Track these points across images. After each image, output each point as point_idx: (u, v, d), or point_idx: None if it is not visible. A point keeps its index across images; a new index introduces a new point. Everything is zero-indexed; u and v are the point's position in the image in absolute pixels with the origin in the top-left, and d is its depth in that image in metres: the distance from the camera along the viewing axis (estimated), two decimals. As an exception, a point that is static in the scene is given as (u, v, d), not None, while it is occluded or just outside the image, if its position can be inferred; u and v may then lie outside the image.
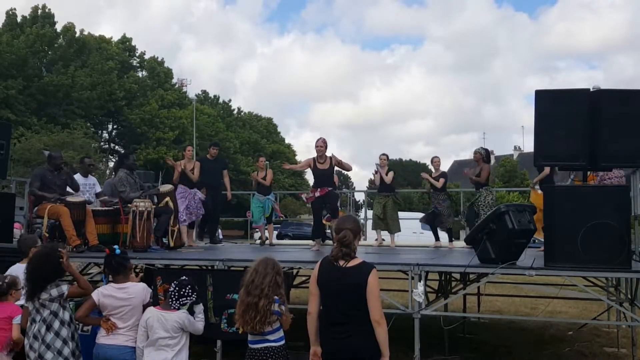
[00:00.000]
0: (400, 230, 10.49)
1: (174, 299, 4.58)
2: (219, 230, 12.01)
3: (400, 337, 5.73)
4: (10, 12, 43.30)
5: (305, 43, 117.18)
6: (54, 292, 4.47)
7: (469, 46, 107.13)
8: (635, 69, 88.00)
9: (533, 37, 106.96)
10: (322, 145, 8.69)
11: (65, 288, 4.52)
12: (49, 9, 44.10)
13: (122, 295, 4.56)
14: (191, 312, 4.66)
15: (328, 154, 8.74)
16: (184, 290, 4.60)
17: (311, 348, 3.88)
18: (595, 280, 7.86)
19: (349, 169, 9.36)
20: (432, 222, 10.44)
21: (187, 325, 4.55)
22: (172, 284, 4.68)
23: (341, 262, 3.75)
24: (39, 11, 43.61)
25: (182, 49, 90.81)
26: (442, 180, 10.26)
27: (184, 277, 4.78)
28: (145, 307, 4.65)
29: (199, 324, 4.64)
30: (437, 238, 10.60)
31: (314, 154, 8.81)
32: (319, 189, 8.66)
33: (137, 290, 4.63)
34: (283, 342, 4.22)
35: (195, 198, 9.85)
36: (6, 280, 4.88)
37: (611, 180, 7.88)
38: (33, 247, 5.37)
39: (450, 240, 10.44)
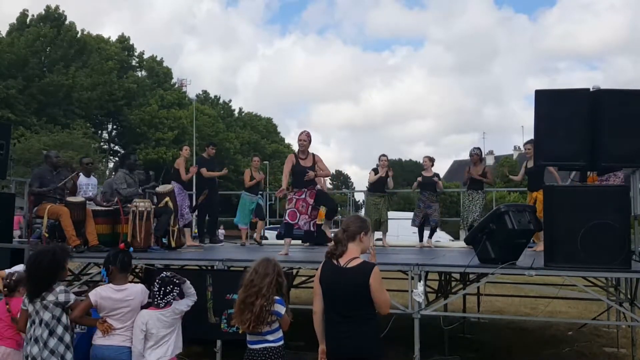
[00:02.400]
0: (387, 230, 10.52)
1: (159, 298, 4.56)
2: (222, 231, 12.03)
3: (400, 337, 5.73)
4: (23, 13, 43.34)
5: (307, 45, 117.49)
6: (62, 297, 4.38)
7: (469, 47, 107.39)
8: (634, 70, 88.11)
9: (533, 39, 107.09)
10: (305, 139, 7.79)
11: (72, 298, 4.44)
12: (63, 10, 44.18)
13: (121, 296, 4.52)
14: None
15: (313, 151, 7.90)
16: (167, 288, 4.60)
17: (319, 346, 3.88)
18: (595, 280, 7.85)
19: (327, 173, 8.26)
20: (423, 223, 10.48)
21: (185, 310, 4.59)
22: (155, 282, 4.64)
23: (342, 262, 3.76)
24: (55, 14, 43.58)
25: (184, 51, 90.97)
26: (440, 182, 10.45)
27: (164, 274, 4.75)
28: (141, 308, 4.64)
29: (191, 297, 4.69)
30: (422, 239, 10.64)
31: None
32: (306, 191, 7.67)
33: (136, 291, 4.60)
34: (282, 342, 4.21)
35: (186, 201, 9.92)
36: (13, 278, 4.84)
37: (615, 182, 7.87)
38: None
39: (430, 238, 10.53)
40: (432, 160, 10.67)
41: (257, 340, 4.14)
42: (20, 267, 5.32)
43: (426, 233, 10.58)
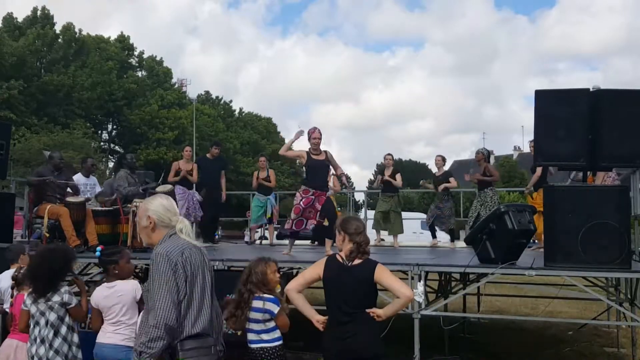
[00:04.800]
0: (402, 232, 10.48)
1: None
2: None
3: (400, 337, 5.73)
4: (8, 16, 43.28)
5: (308, 46, 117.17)
6: (66, 297, 4.38)
7: (469, 48, 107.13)
8: (634, 71, 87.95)
9: (532, 40, 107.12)
10: (318, 136, 7.54)
11: (74, 301, 4.43)
12: (48, 10, 44.14)
13: (111, 293, 4.53)
14: None
15: (322, 148, 7.67)
16: None
17: (313, 319, 3.86)
18: (595, 280, 7.85)
19: (341, 171, 7.99)
20: (433, 223, 10.46)
21: None
22: None
23: (347, 262, 3.79)
24: (38, 12, 43.64)
25: (186, 52, 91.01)
26: (452, 179, 10.30)
27: None
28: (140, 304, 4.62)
29: None
30: (434, 236, 10.62)
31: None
32: (314, 197, 7.40)
33: (126, 288, 4.57)
34: (279, 342, 4.19)
35: (194, 199, 9.87)
36: (22, 271, 4.84)
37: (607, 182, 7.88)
38: (22, 254, 5.38)
39: (452, 241, 10.45)
40: (444, 159, 10.64)
41: (254, 339, 4.17)
42: (7, 274, 5.29)
43: (439, 234, 10.58)
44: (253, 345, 4.17)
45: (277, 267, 4.41)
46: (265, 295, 4.14)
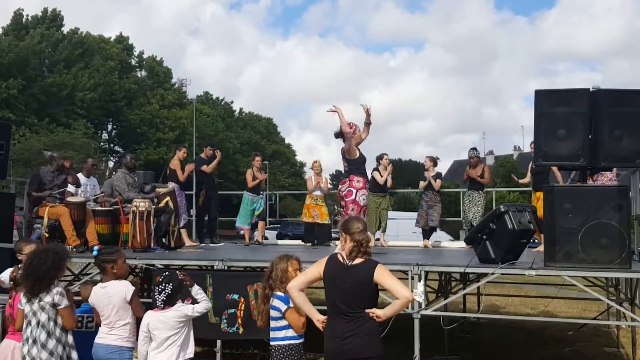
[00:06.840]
0: (385, 230, 10.49)
1: (157, 299, 4.54)
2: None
3: (400, 337, 5.72)
4: (18, 12, 43.21)
5: (309, 47, 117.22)
6: (57, 298, 4.33)
7: (469, 49, 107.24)
8: (633, 72, 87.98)
9: (532, 40, 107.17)
10: (357, 129, 8.04)
11: (64, 303, 4.36)
12: (60, 11, 44.15)
13: (104, 293, 4.56)
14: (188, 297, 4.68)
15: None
16: (159, 287, 4.54)
17: (314, 318, 3.87)
18: (595, 280, 7.85)
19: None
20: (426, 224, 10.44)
21: (191, 315, 4.54)
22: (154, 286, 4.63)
23: (348, 261, 3.79)
24: (48, 13, 43.58)
25: (188, 53, 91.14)
26: (439, 181, 10.31)
27: (163, 275, 4.71)
28: (132, 304, 4.61)
29: (203, 303, 4.60)
30: (427, 237, 10.60)
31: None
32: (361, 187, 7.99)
33: (115, 289, 4.57)
34: (291, 341, 4.21)
35: (183, 200, 9.91)
36: (19, 271, 4.83)
37: (611, 182, 7.87)
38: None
39: (427, 238, 10.44)
40: (432, 160, 10.60)
41: (271, 337, 4.28)
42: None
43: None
44: (271, 342, 4.28)
45: (300, 265, 4.42)
46: (277, 293, 4.20)
